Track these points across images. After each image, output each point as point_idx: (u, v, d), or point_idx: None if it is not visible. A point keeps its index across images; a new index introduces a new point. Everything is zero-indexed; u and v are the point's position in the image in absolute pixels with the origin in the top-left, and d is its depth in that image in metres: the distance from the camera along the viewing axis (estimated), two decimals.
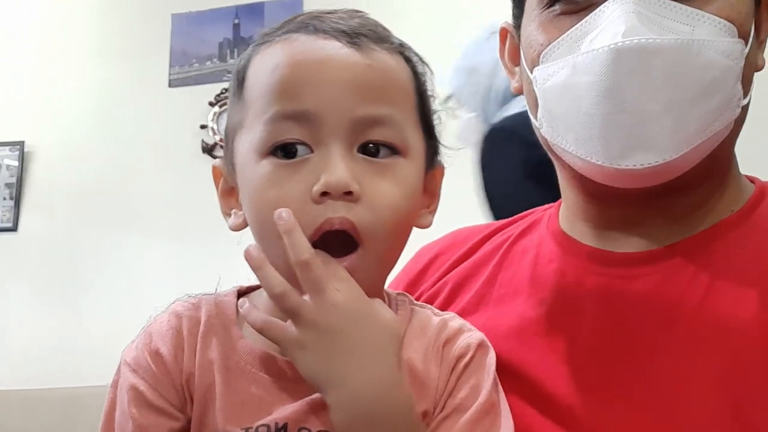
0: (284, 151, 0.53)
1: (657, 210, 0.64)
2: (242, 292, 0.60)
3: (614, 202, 0.65)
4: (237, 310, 0.56)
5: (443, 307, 0.69)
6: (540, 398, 0.61)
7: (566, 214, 0.72)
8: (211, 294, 0.58)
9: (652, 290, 0.61)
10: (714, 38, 0.58)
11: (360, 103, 0.53)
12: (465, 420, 0.54)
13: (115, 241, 2.57)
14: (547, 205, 0.78)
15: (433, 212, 0.61)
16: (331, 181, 0.50)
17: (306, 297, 0.50)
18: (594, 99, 0.58)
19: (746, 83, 0.61)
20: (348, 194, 0.51)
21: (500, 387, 0.60)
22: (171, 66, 2.77)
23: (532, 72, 0.65)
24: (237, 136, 0.57)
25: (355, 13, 0.58)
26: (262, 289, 0.55)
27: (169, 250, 2.52)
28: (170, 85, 2.74)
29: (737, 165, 0.69)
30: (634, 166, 0.58)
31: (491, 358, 0.59)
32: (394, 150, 0.54)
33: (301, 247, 0.50)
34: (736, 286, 0.58)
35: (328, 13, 0.58)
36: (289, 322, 0.50)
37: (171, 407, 0.53)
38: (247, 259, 0.51)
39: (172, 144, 2.64)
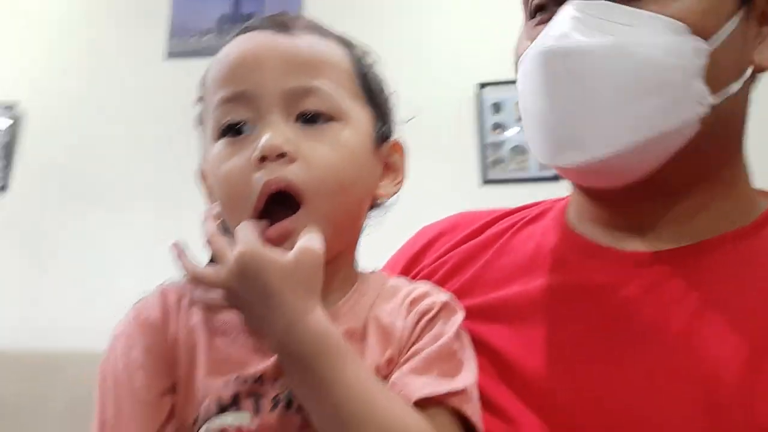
0: (233, 132, 0.59)
1: (656, 213, 0.65)
2: None
3: (611, 201, 0.66)
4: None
5: (439, 286, 0.69)
6: (521, 384, 0.62)
7: (573, 212, 0.73)
8: None
9: (645, 294, 0.62)
10: (654, 37, 0.57)
11: (288, 77, 0.57)
12: (420, 358, 0.57)
13: (105, 210, 2.57)
14: (558, 197, 0.79)
15: (398, 185, 0.65)
16: (264, 145, 0.55)
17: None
18: (530, 100, 0.62)
19: (717, 81, 0.59)
20: (282, 156, 0.55)
21: (467, 345, 0.62)
22: (170, 37, 2.75)
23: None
24: (204, 134, 0.63)
25: (300, 15, 0.64)
26: None
27: (161, 223, 2.51)
28: (168, 57, 2.72)
29: (748, 176, 0.67)
30: (568, 164, 0.60)
31: (457, 316, 0.62)
32: (330, 118, 0.58)
33: (206, 233, 0.56)
34: (726, 304, 0.58)
35: (273, 15, 0.63)
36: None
37: (161, 369, 0.57)
38: (178, 265, 0.56)
39: (166, 116, 2.62)
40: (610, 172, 0.61)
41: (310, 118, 0.58)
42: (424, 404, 0.55)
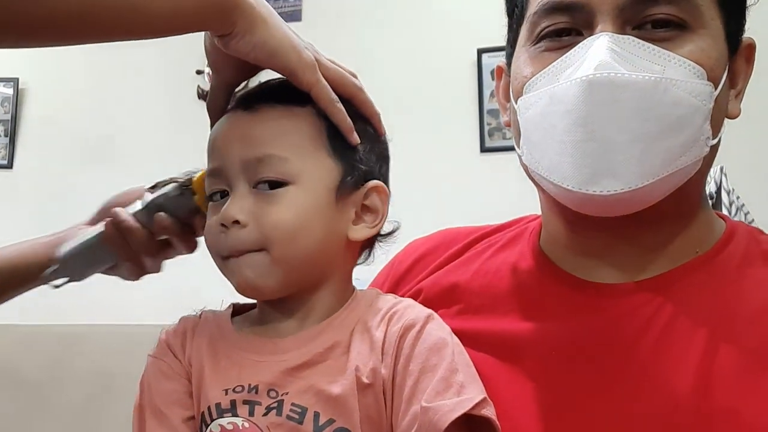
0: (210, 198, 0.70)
1: (629, 241, 0.68)
2: (237, 309, 0.73)
3: (590, 230, 0.69)
4: (230, 317, 0.71)
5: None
6: (504, 417, 0.64)
7: (547, 238, 0.76)
8: (213, 310, 0.74)
9: (615, 322, 0.65)
10: (683, 78, 0.62)
11: (244, 150, 0.66)
12: (439, 377, 0.60)
13: (108, 183, 2.58)
14: (531, 217, 0.82)
15: (374, 227, 0.69)
16: (223, 215, 0.66)
17: None
18: (566, 127, 0.62)
19: (715, 125, 0.65)
20: (236, 223, 0.65)
21: (463, 348, 0.65)
22: None
23: (516, 102, 0.69)
24: None
25: (269, 86, 0.72)
26: (254, 309, 0.72)
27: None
28: None
29: (708, 204, 0.73)
30: (601, 192, 0.61)
31: (444, 324, 0.66)
32: (282, 183, 0.65)
33: None
34: (689, 330, 0.63)
35: (243, 94, 0.72)
36: None
37: (180, 377, 0.68)
38: None
39: (168, 88, 2.63)
40: (632, 202, 0.63)
41: (269, 184, 0.65)
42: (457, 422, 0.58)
